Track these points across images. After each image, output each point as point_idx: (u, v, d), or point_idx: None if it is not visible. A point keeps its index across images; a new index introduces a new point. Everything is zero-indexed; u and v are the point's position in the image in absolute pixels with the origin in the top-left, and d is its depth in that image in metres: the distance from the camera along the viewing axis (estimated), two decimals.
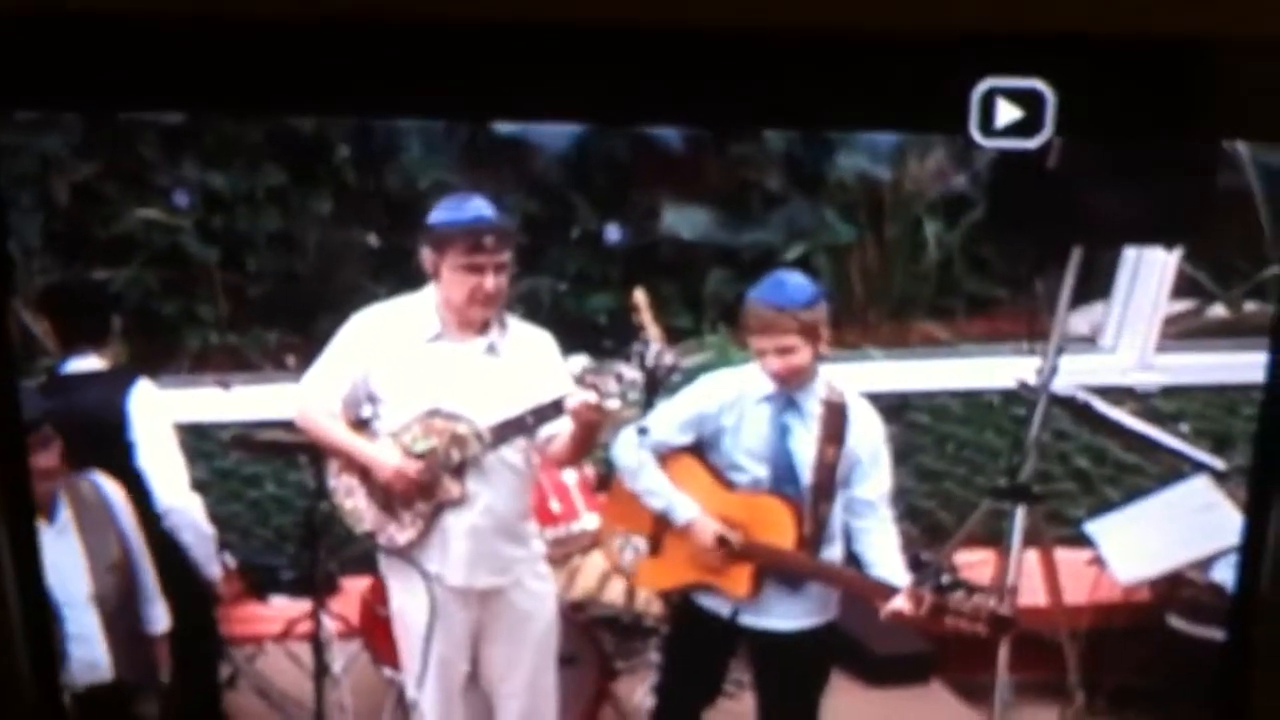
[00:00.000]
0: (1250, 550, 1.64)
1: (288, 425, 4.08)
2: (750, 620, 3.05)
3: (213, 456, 4.41)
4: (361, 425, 3.23)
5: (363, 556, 4.44)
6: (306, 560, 3.64)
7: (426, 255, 3.03)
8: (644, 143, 5.54)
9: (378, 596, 3.73)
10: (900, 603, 2.89)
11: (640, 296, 4.03)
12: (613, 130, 5.25)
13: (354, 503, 3.16)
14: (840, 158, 5.26)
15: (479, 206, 3.02)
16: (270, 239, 4.82)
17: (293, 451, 3.90)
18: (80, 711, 2.93)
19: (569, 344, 3.30)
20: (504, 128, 5.32)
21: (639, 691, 3.81)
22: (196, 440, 4.27)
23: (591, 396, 2.85)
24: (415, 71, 1.37)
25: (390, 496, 3.08)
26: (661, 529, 3.14)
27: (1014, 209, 4.17)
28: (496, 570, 3.11)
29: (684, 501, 3.05)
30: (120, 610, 3.03)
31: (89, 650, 3.01)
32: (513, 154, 5.31)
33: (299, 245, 4.85)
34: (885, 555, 2.99)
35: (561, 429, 3.00)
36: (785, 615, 3.04)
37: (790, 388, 2.98)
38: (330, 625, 3.69)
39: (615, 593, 3.96)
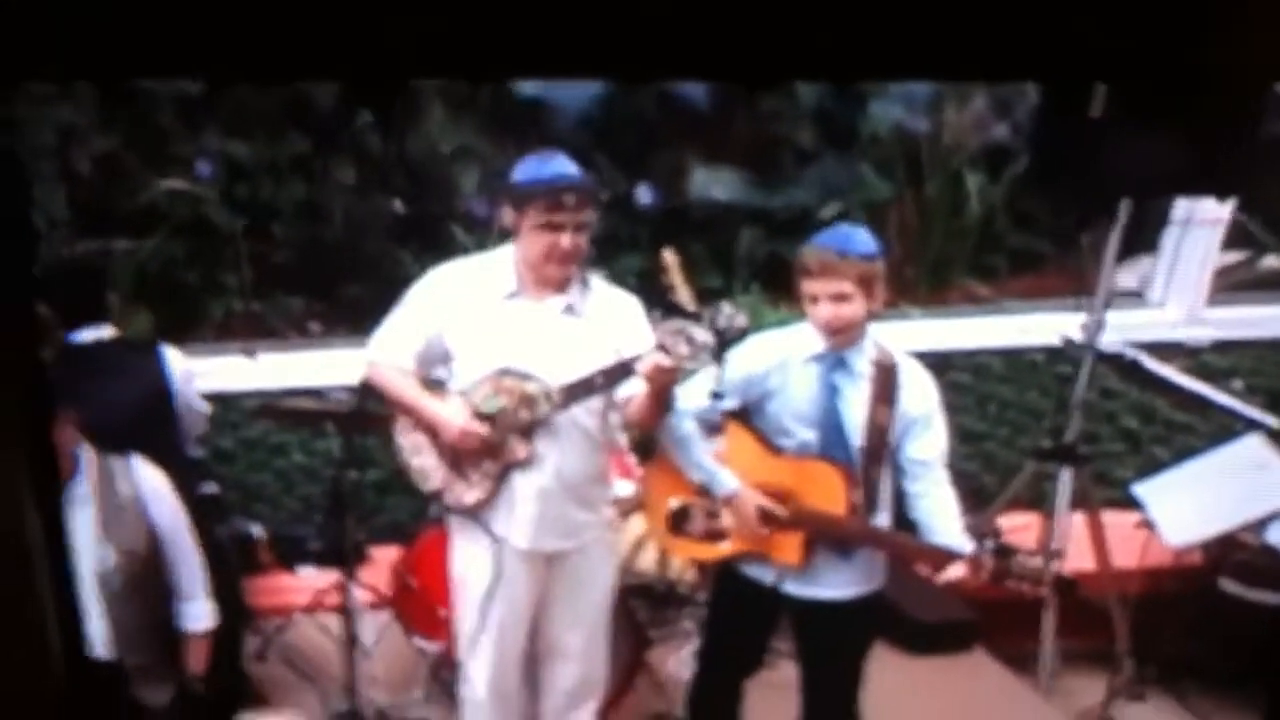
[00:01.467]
0: None
1: (314, 393, 4.11)
2: (794, 589, 2.93)
3: (239, 426, 4.42)
4: (434, 385, 3.11)
5: (392, 526, 4.50)
6: (334, 530, 3.60)
7: (507, 213, 2.95)
8: (670, 100, 5.50)
9: (409, 566, 3.73)
10: (959, 569, 2.80)
11: (669, 256, 3.97)
12: (637, 87, 5.21)
13: (421, 461, 3.05)
14: (875, 111, 5.20)
15: (562, 164, 2.92)
16: (294, 207, 4.79)
17: (319, 419, 3.92)
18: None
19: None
20: (526, 89, 5.32)
21: (672, 661, 3.79)
22: (222, 409, 4.27)
23: (664, 358, 2.75)
24: (434, 31, 1.30)
25: (458, 456, 3.00)
26: (703, 500, 3.02)
27: (1059, 160, 4.07)
28: (564, 534, 3.02)
29: (726, 474, 2.96)
30: (130, 597, 2.91)
31: (91, 638, 2.97)
32: (536, 116, 5.29)
33: (323, 212, 4.82)
34: (944, 520, 2.83)
35: (637, 390, 2.90)
36: (832, 584, 2.92)
37: (840, 345, 2.86)
38: (360, 595, 3.61)
39: (648, 561, 3.92)
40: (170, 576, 3.00)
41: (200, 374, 3.67)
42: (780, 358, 2.92)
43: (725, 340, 2.73)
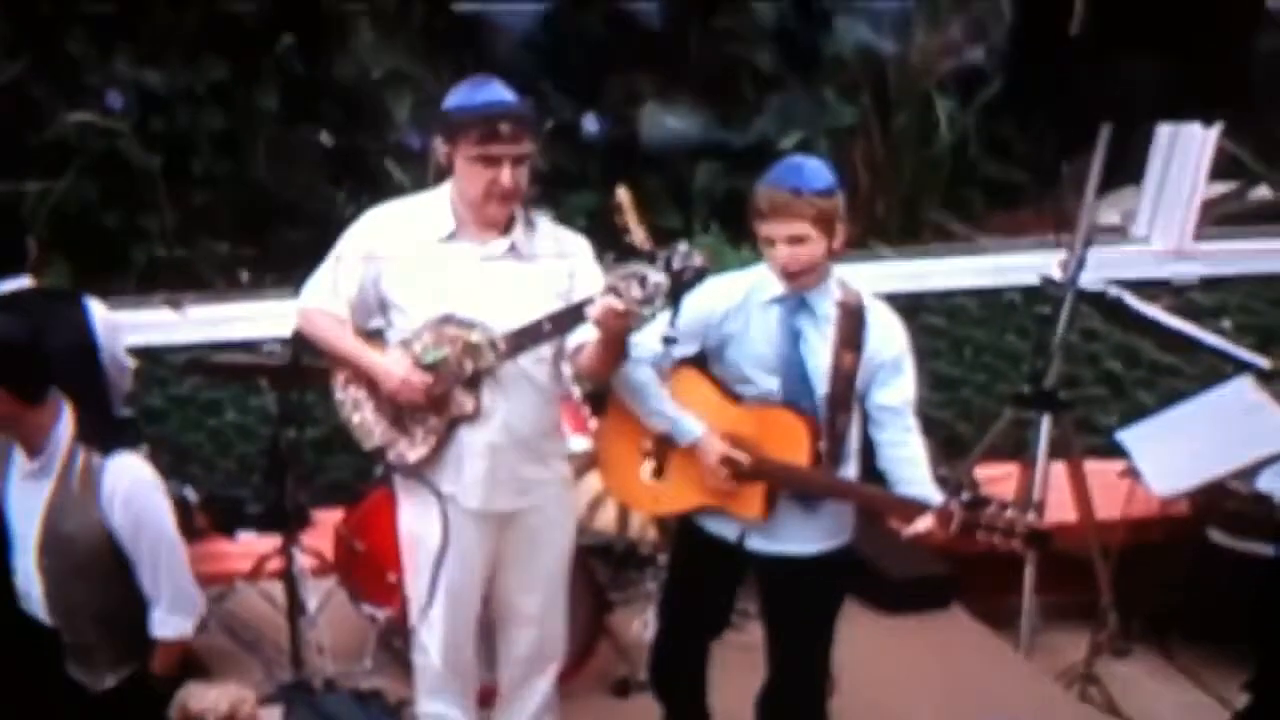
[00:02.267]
0: None
1: (246, 346, 4.02)
2: (759, 545, 2.89)
3: (167, 383, 4.28)
4: (373, 335, 3.03)
5: (335, 486, 4.43)
6: (274, 492, 3.54)
7: (439, 145, 2.83)
8: (620, 19, 5.38)
9: (354, 528, 3.66)
10: (927, 521, 2.78)
11: (623, 195, 3.87)
12: (584, 5, 5.10)
13: (361, 416, 2.98)
14: (838, 29, 5.11)
15: (495, 90, 2.80)
16: (214, 140, 4.63)
17: (253, 374, 3.80)
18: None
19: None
20: (463, 6, 5.18)
21: (635, 624, 3.75)
22: (149, 365, 4.16)
23: (616, 301, 2.65)
24: None
25: (400, 410, 2.92)
26: (665, 451, 2.96)
27: (1035, 83, 3.99)
28: (516, 492, 2.95)
29: (689, 420, 2.90)
30: (73, 579, 2.92)
31: (31, 601, 2.97)
32: (474, 37, 5.15)
33: (246, 146, 4.66)
34: (914, 470, 2.78)
35: (588, 338, 2.81)
36: (798, 539, 2.87)
37: (801, 286, 2.79)
38: (303, 561, 3.58)
39: (606, 519, 3.86)
40: (139, 577, 2.96)
41: (125, 327, 3.59)
42: (738, 300, 2.85)
43: (681, 282, 2.64)
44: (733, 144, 4.95)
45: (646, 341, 2.83)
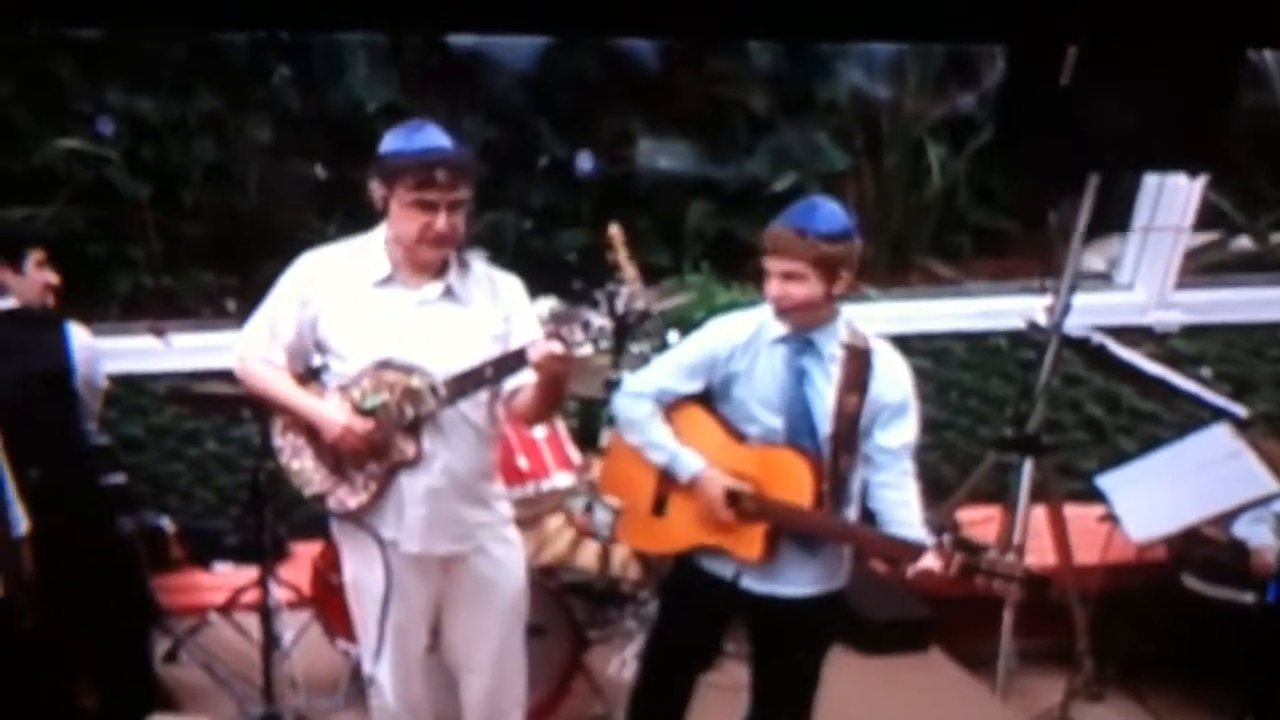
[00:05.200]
0: None
1: (229, 376, 4.07)
2: (753, 584, 2.92)
3: (148, 412, 4.38)
4: (311, 378, 3.05)
5: (314, 519, 4.45)
6: (253, 524, 3.56)
7: (375, 188, 2.87)
8: (615, 59, 5.47)
9: (330, 563, 3.71)
10: (929, 562, 2.83)
11: (616, 232, 3.99)
12: (580, 44, 5.17)
13: (301, 463, 3.02)
14: (832, 75, 5.23)
15: (432, 135, 2.84)
16: (205, 171, 4.71)
17: (235, 405, 3.88)
18: None
19: (535, 286, 3.19)
20: (459, 42, 5.25)
21: (614, 663, 3.83)
22: (130, 394, 4.24)
23: (557, 346, 2.72)
24: None
25: (340, 457, 2.95)
26: (666, 488, 2.99)
27: (1025, 131, 4.13)
28: (457, 536, 2.99)
29: (690, 455, 2.93)
30: None
31: None
32: (469, 73, 5.24)
33: (237, 177, 4.76)
34: (907, 513, 2.86)
35: (527, 381, 2.88)
36: (794, 581, 2.91)
37: (800, 325, 2.85)
38: (279, 594, 3.65)
39: (588, 557, 3.96)
40: None
41: (106, 355, 3.60)
42: (746, 338, 2.92)
43: (625, 325, 2.71)
44: (725, 184, 5.06)
45: (649, 376, 2.92)
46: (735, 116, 5.11)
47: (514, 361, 2.83)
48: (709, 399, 2.99)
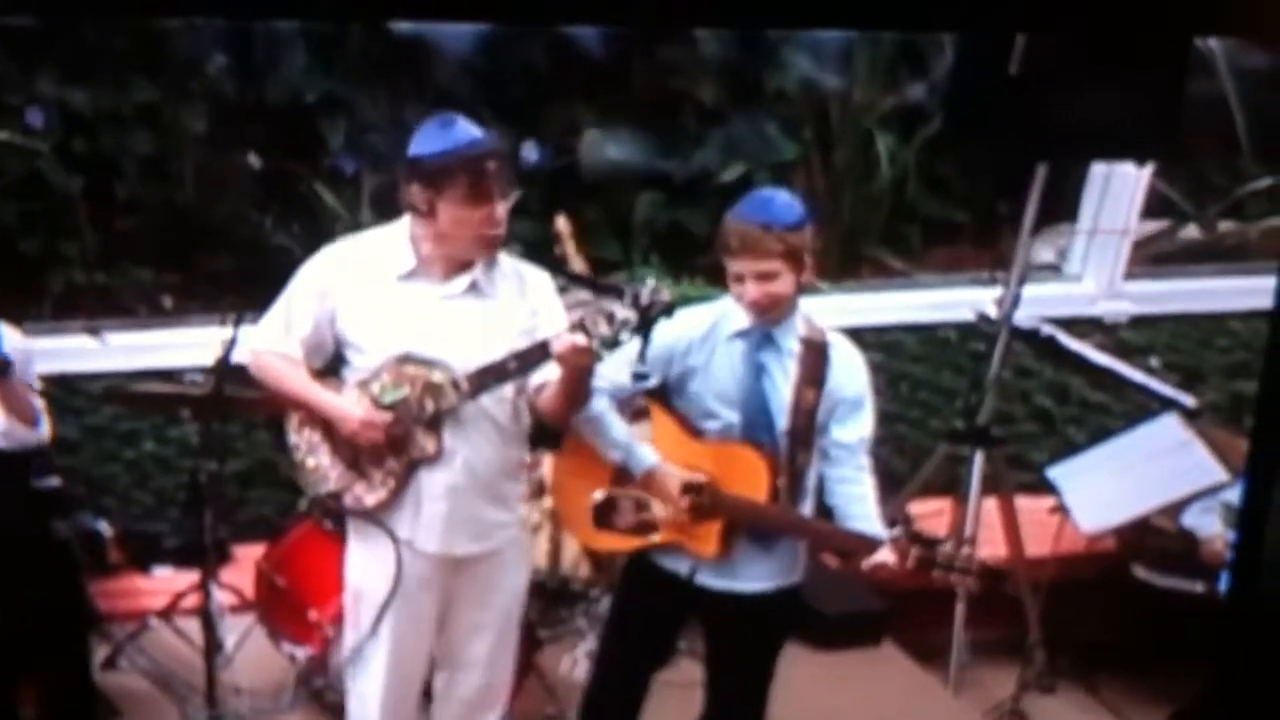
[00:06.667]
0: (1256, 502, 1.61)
1: (167, 375, 4.06)
2: (710, 580, 2.95)
3: (83, 412, 4.33)
4: (328, 374, 3.04)
5: (256, 521, 4.45)
6: (192, 526, 3.55)
7: (417, 192, 2.84)
8: (562, 48, 5.47)
9: (275, 564, 3.72)
10: (885, 555, 2.86)
11: (563, 224, 3.99)
12: (525, 32, 5.16)
13: (316, 460, 2.97)
14: (782, 64, 5.25)
15: (466, 128, 2.86)
16: (140, 164, 4.66)
17: (174, 405, 3.88)
18: None
19: None
20: (401, 29, 5.22)
21: (565, 662, 3.85)
22: (65, 394, 4.20)
23: (580, 338, 2.73)
24: None
25: (357, 453, 2.93)
26: (621, 483, 3.01)
27: (975, 121, 4.18)
28: (476, 536, 2.97)
29: (644, 450, 2.95)
30: None
31: None
32: (412, 61, 5.22)
33: (173, 170, 4.70)
34: (863, 507, 2.90)
35: (551, 376, 2.87)
36: (750, 577, 2.94)
37: (768, 321, 2.88)
38: (221, 597, 3.64)
39: (538, 554, 3.97)
40: None
41: (39, 355, 3.59)
42: (703, 332, 2.94)
43: (648, 317, 2.73)
44: (674, 175, 5.07)
45: (605, 372, 2.93)
46: (684, 106, 5.12)
47: (537, 355, 2.83)
48: (665, 394, 3.01)
